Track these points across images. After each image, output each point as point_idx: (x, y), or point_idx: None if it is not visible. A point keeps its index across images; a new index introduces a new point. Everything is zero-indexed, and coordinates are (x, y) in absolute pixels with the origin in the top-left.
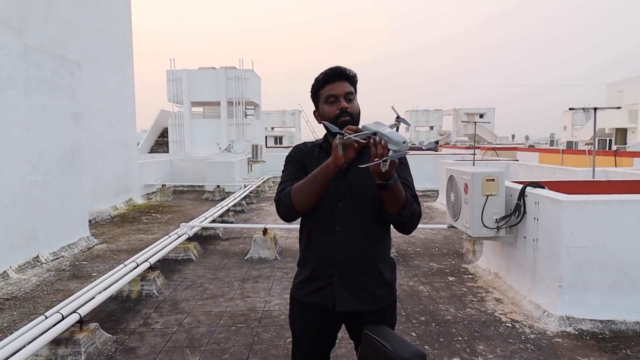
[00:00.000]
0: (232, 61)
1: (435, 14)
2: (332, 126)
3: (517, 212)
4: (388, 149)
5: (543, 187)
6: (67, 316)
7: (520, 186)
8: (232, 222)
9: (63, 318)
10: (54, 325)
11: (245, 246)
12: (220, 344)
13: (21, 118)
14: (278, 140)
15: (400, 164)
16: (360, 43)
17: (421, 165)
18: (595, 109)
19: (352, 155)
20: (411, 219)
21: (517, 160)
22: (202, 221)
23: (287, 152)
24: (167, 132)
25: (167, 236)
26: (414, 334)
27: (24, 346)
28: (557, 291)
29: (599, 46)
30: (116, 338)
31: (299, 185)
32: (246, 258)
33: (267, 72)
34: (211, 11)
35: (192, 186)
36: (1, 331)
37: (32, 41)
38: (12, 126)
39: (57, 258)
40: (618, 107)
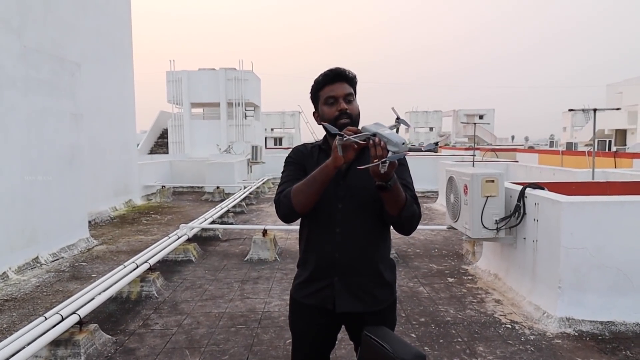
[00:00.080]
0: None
1: (435, 15)
2: (332, 127)
3: (517, 213)
4: (387, 150)
5: (543, 188)
6: (67, 317)
7: (519, 187)
8: (232, 223)
9: (63, 319)
10: (54, 326)
11: (245, 247)
12: (219, 345)
13: (21, 119)
14: (278, 141)
15: (399, 165)
16: (360, 44)
17: (421, 166)
18: (594, 110)
19: (352, 156)
20: (411, 220)
21: (517, 161)
22: (202, 222)
23: (287, 154)
24: (167, 133)
25: (167, 237)
26: (414, 335)
27: (24, 347)
28: (557, 292)
29: (599, 47)
30: (116, 339)
31: (299, 186)
32: (246, 259)
33: (267, 73)
34: (211, 12)
35: (192, 187)
36: (1, 332)
37: (32, 42)
38: (12, 127)
39: (57, 259)
40: (617, 109)
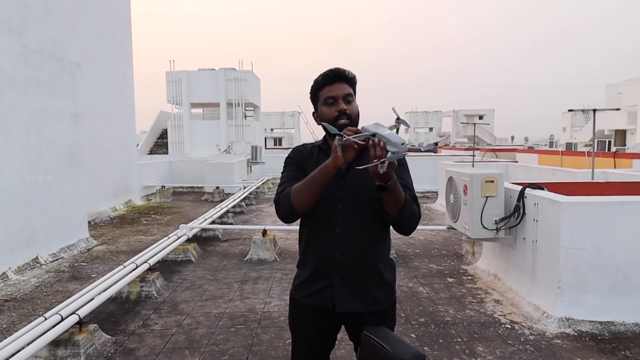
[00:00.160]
0: (232, 62)
1: (435, 16)
2: (331, 127)
3: (517, 214)
4: (387, 151)
5: (542, 189)
6: (67, 317)
7: (519, 187)
8: (232, 224)
9: (62, 319)
10: (54, 326)
11: (244, 247)
12: (219, 345)
13: (21, 119)
14: (277, 141)
15: (399, 165)
16: (360, 44)
17: (420, 166)
18: (594, 111)
19: (351, 156)
20: (410, 220)
21: (517, 161)
22: (202, 222)
23: (287, 154)
24: (167, 134)
25: (167, 237)
26: (414, 335)
27: (23, 347)
28: (557, 292)
29: (599, 48)
30: (115, 339)
31: (298, 186)
32: (245, 259)
33: (267, 73)
34: (211, 12)
35: (192, 187)
36: (0, 332)
37: (32, 42)
38: (12, 127)
39: (57, 259)
40: (617, 109)
